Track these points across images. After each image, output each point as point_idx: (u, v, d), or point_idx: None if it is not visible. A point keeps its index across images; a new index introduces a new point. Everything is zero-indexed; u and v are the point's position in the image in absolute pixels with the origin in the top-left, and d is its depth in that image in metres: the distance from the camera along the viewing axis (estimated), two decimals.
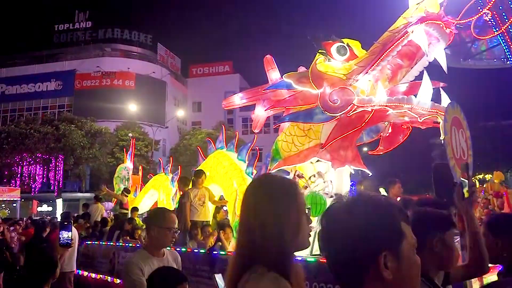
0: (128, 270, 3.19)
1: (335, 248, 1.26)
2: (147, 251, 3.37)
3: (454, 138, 3.41)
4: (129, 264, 3.24)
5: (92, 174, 39.37)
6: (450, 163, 3.31)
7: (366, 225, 1.20)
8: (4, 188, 31.95)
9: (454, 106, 3.58)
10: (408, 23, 4.79)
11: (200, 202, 8.22)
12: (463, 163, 3.36)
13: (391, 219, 1.23)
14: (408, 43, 4.94)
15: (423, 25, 4.71)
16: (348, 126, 5.19)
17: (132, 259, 3.32)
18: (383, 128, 5.85)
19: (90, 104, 43.09)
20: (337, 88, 5.09)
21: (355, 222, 1.21)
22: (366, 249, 1.19)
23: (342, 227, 1.24)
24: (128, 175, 15.62)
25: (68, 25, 52.88)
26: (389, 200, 1.34)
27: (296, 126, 5.79)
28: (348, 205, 1.28)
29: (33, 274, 3.39)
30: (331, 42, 5.46)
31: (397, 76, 5.43)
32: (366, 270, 1.20)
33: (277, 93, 5.97)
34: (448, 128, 3.35)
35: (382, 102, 4.87)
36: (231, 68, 57.31)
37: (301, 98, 5.45)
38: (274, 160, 6.08)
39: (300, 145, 5.70)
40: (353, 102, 5.02)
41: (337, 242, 1.24)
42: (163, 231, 3.31)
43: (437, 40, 5.01)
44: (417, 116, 4.73)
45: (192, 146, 39.60)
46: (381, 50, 4.91)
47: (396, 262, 1.19)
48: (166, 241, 3.37)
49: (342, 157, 5.51)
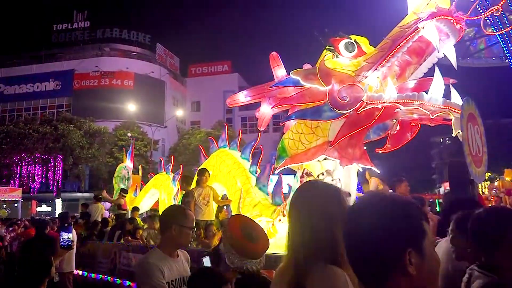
0: (148, 273, 2.88)
1: (360, 246, 1.33)
2: (162, 251, 3.09)
3: (470, 135, 3.35)
4: (148, 266, 2.93)
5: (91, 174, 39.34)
6: (467, 159, 3.25)
7: (392, 224, 1.28)
8: (5, 188, 31.90)
9: (469, 102, 3.52)
10: (419, 19, 4.71)
11: (205, 201, 8.14)
12: None
13: (415, 218, 1.32)
14: (418, 39, 4.86)
15: (434, 21, 4.63)
16: (357, 124, 5.10)
17: (149, 260, 3.00)
18: (390, 126, 5.77)
19: (89, 104, 43.11)
20: (346, 85, 5.01)
21: (382, 221, 1.29)
22: (393, 247, 1.27)
23: (369, 226, 1.30)
24: (128, 175, 15.56)
25: (66, 25, 52.90)
26: (411, 200, 1.41)
27: (303, 123, 5.70)
28: (373, 204, 1.36)
29: (28, 274, 3.28)
30: (339, 38, 5.38)
31: (405, 73, 5.35)
32: (391, 267, 1.28)
33: (283, 90, 5.89)
34: (465, 124, 3.30)
35: (392, 99, 4.79)
36: (230, 68, 57.32)
37: (309, 95, 5.36)
38: (280, 158, 5.99)
39: (307, 143, 5.62)
40: (362, 99, 4.94)
41: (363, 240, 1.32)
42: (184, 230, 3.07)
43: (447, 36, 4.93)
44: (429, 113, 4.65)
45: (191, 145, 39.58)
46: (391, 46, 4.83)
47: (419, 258, 1.27)
48: (187, 241, 3.16)
49: (350, 155, 5.42)
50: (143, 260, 3.05)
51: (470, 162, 3.22)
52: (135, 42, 53.18)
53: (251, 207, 6.94)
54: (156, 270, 2.88)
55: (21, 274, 3.30)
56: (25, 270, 3.27)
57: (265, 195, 7.12)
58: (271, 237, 6.10)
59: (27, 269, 3.26)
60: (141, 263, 3.06)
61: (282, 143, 6.07)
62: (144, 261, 3.02)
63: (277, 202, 6.70)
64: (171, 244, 3.11)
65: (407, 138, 5.80)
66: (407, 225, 1.29)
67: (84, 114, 40.19)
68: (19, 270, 3.31)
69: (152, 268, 2.88)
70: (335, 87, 5.06)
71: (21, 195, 31.61)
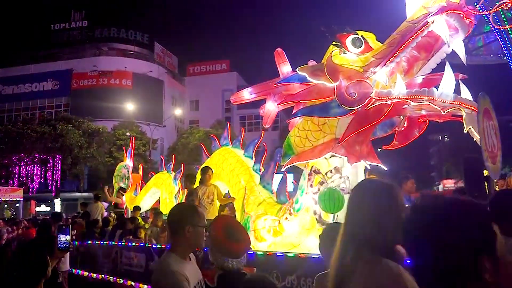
0: (175, 284, 2.59)
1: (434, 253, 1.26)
2: (178, 255, 2.80)
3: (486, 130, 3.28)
4: (173, 276, 2.62)
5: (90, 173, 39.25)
6: (483, 155, 3.18)
7: (467, 228, 1.23)
8: (7, 188, 31.80)
9: (485, 97, 3.45)
10: (429, 13, 4.64)
11: (209, 200, 8.06)
12: None
13: (487, 220, 1.28)
14: (427, 34, 4.79)
15: (444, 15, 4.56)
16: (365, 120, 5.03)
17: (172, 268, 2.67)
18: (398, 122, 5.70)
19: (87, 104, 43.02)
20: (354, 81, 4.94)
21: (456, 226, 1.24)
22: (469, 252, 1.21)
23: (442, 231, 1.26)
24: (128, 174, 15.43)
25: (64, 24, 52.69)
26: (479, 202, 1.36)
27: (310, 120, 5.63)
28: (442, 209, 1.31)
29: (26, 274, 3.20)
30: (346, 34, 5.31)
31: (413, 69, 5.29)
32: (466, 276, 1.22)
33: (288, 87, 5.82)
34: (481, 120, 3.22)
35: (402, 95, 4.72)
36: (228, 67, 57.22)
37: (316, 91, 5.29)
38: (286, 156, 5.92)
39: (314, 140, 5.55)
40: (371, 95, 4.86)
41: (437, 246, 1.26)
42: (199, 230, 2.85)
43: (456, 31, 4.86)
44: (440, 109, 4.57)
45: (190, 145, 39.54)
46: (400, 41, 4.75)
47: (493, 262, 1.22)
48: (202, 241, 2.92)
49: (357, 152, 5.35)
50: (165, 270, 2.71)
51: (487, 157, 3.14)
52: (133, 41, 53.02)
53: (256, 205, 6.86)
54: (183, 280, 2.62)
55: (18, 274, 3.20)
56: (22, 270, 3.19)
57: (269, 193, 7.04)
58: (277, 235, 6.04)
59: (24, 269, 3.18)
60: (164, 273, 2.71)
61: (288, 140, 5.99)
62: (167, 270, 2.68)
63: (282, 200, 6.63)
64: (186, 246, 2.87)
65: (415, 135, 5.74)
66: (481, 228, 1.25)
67: (83, 113, 40.08)
68: (15, 270, 3.22)
69: (179, 279, 2.61)
70: (343, 83, 5.00)
71: (22, 195, 31.48)
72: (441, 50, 5.06)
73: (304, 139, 5.66)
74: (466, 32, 4.86)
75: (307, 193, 5.68)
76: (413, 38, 4.67)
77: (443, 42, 4.89)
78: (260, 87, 6.36)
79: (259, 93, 6.31)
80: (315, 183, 5.56)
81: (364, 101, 4.88)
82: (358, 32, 5.41)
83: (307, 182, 5.65)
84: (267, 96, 6.19)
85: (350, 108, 4.99)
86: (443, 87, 4.55)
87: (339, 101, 4.99)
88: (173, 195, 11.12)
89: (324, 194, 5.24)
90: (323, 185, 5.44)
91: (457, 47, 4.94)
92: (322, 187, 5.41)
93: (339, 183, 5.39)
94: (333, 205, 5.14)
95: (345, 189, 5.33)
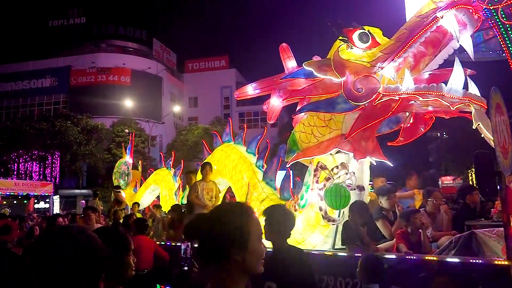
0: None
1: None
2: None
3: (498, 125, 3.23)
4: None
5: (89, 170, 39.07)
6: (496, 150, 3.13)
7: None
8: (37, 183, 31.75)
9: (496, 92, 3.40)
10: (437, 8, 4.58)
11: (208, 196, 8.00)
12: None
13: None
14: (435, 29, 4.74)
15: (453, 10, 4.50)
16: (373, 116, 4.99)
17: None
18: (404, 119, 5.65)
19: (85, 101, 42.92)
20: (361, 76, 4.89)
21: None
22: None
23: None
24: (127, 170, 15.36)
25: (62, 21, 52.47)
26: None
27: (315, 116, 5.58)
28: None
29: None
30: (353, 29, 5.26)
31: (420, 65, 5.24)
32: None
33: (293, 82, 5.77)
34: (493, 115, 3.18)
35: (410, 90, 4.67)
36: (227, 63, 57.06)
37: (322, 87, 5.24)
38: (291, 152, 5.87)
39: (320, 136, 5.50)
40: (378, 90, 4.81)
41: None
42: None
43: (464, 27, 4.80)
44: (449, 105, 4.52)
45: (189, 141, 39.44)
46: (408, 36, 4.71)
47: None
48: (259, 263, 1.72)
49: (363, 148, 5.30)
50: None
51: (499, 153, 3.10)
52: (132, 38, 52.78)
53: (259, 202, 6.81)
54: None
55: None
56: None
57: (272, 190, 6.98)
58: None
59: None
60: None
61: (293, 136, 5.95)
62: None
63: (286, 197, 6.58)
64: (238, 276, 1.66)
65: (421, 131, 5.70)
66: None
67: (81, 110, 39.89)
68: None
69: None
70: (350, 78, 4.95)
71: (52, 190, 31.52)
72: (448, 45, 5.02)
73: (310, 134, 5.61)
74: (474, 27, 4.80)
75: (312, 189, 5.64)
76: (422, 33, 4.62)
77: (451, 38, 4.84)
78: (264, 83, 6.30)
79: (264, 88, 6.26)
80: (321, 179, 5.51)
81: (372, 97, 4.84)
82: (364, 27, 5.36)
83: (313, 178, 5.60)
84: (272, 92, 6.13)
85: (357, 103, 4.94)
86: (452, 83, 4.50)
87: (346, 96, 4.94)
88: (173, 191, 11.08)
89: (330, 190, 5.19)
90: (329, 181, 5.40)
91: (465, 42, 4.89)
92: (328, 183, 5.36)
93: (345, 179, 5.35)
94: (339, 201, 5.10)
95: (351, 185, 5.30)
